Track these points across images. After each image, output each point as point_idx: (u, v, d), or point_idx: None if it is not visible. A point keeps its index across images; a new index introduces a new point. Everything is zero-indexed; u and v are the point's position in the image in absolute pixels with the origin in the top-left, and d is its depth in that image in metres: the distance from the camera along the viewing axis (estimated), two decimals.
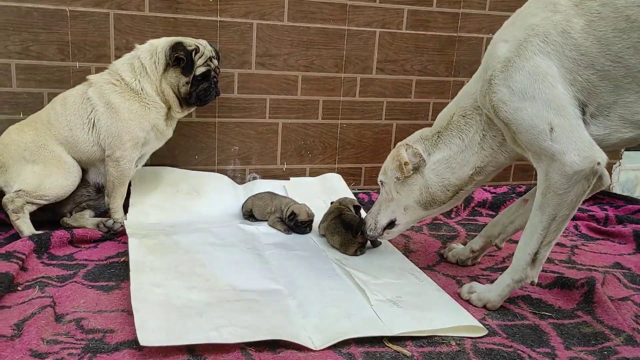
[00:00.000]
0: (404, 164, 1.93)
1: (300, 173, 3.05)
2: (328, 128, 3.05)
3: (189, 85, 2.32)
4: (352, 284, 1.91)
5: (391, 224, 2.07)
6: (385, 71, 3.06)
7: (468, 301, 1.88)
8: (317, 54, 2.92)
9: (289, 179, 2.96)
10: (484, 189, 3.13)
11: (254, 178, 2.95)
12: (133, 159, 2.32)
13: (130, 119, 2.27)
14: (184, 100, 2.37)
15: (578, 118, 1.60)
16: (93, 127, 2.28)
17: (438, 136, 1.93)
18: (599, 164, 1.57)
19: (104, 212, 2.45)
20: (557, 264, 2.27)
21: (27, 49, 2.52)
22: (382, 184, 2.07)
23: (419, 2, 3.00)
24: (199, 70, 2.32)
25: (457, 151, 1.88)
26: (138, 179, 2.65)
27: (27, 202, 2.16)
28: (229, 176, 2.89)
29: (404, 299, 1.82)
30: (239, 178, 2.95)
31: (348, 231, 2.21)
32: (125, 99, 2.27)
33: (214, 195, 2.69)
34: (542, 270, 2.14)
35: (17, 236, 2.15)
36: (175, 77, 2.31)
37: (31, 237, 2.05)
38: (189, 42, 2.32)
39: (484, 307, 1.84)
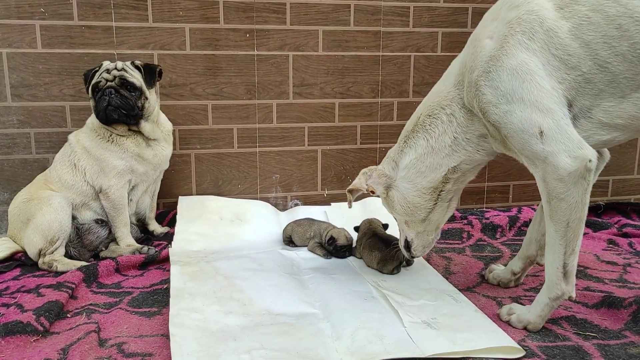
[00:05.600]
0: (348, 193, 2.02)
1: (341, 198, 3.08)
2: (367, 153, 3.07)
3: (94, 102, 2.38)
4: (387, 305, 1.91)
5: (407, 243, 2.08)
6: (422, 94, 3.04)
7: (508, 323, 1.83)
8: (353, 81, 2.98)
9: (330, 205, 2.99)
10: (532, 208, 3.05)
11: (296, 205, 3.01)
12: (120, 187, 2.42)
13: (101, 154, 2.40)
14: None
15: (566, 117, 1.57)
16: (75, 167, 2.41)
17: (405, 141, 1.91)
18: (590, 161, 1.55)
19: (141, 240, 2.59)
20: (607, 283, 2.17)
21: (79, 92, 2.71)
22: None
23: (453, 24, 3.01)
24: (92, 84, 2.37)
25: (423, 153, 1.86)
26: (185, 207, 2.76)
27: (51, 253, 2.29)
28: (271, 203, 2.96)
29: (439, 320, 1.80)
30: (281, 205, 3.01)
31: (388, 248, 2.22)
32: (91, 139, 2.43)
33: (256, 222, 2.75)
34: (590, 290, 2.07)
35: None
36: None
37: (80, 269, 2.17)
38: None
39: (525, 328, 1.78)
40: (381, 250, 2.24)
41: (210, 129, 2.89)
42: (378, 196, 2.05)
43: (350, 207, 2.07)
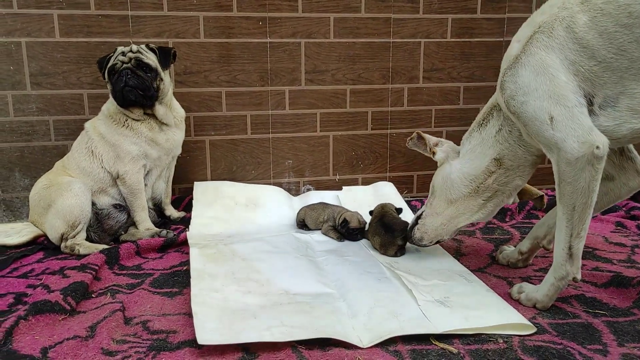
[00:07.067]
0: (417, 133, 2.17)
1: (353, 183, 3.13)
2: (378, 138, 3.12)
3: (111, 85, 2.44)
4: (400, 285, 1.96)
5: (418, 218, 2.18)
6: (432, 80, 3.10)
7: (518, 301, 1.88)
8: (364, 67, 3.01)
9: (341, 189, 3.04)
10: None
11: (308, 189, 3.06)
12: (136, 172, 2.48)
13: (117, 139, 2.46)
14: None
15: (581, 106, 1.63)
16: (92, 154, 2.47)
17: (470, 133, 2.06)
18: (597, 147, 1.60)
19: (159, 224, 2.66)
20: (616, 264, 2.21)
21: (96, 80, 2.76)
22: None
23: (463, 10, 3.03)
24: (108, 67, 2.42)
25: (476, 144, 2.00)
26: (200, 193, 2.83)
27: (73, 237, 2.35)
28: (284, 188, 3.02)
29: (452, 299, 1.85)
30: (294, 190, 3.07)
31: (388, 233, 2.28)
32: (107, 125, 2.48)
33: (270, 207, 2.81)
34: (598, 270, 2.11)
35: None
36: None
37: (102, 251, 2.24)
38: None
39: (534, 307, 1.84)
40: (380, 235, 2.31)
41: (224, 116, 2.94)
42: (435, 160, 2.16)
43: (408, 145, 2.22)
